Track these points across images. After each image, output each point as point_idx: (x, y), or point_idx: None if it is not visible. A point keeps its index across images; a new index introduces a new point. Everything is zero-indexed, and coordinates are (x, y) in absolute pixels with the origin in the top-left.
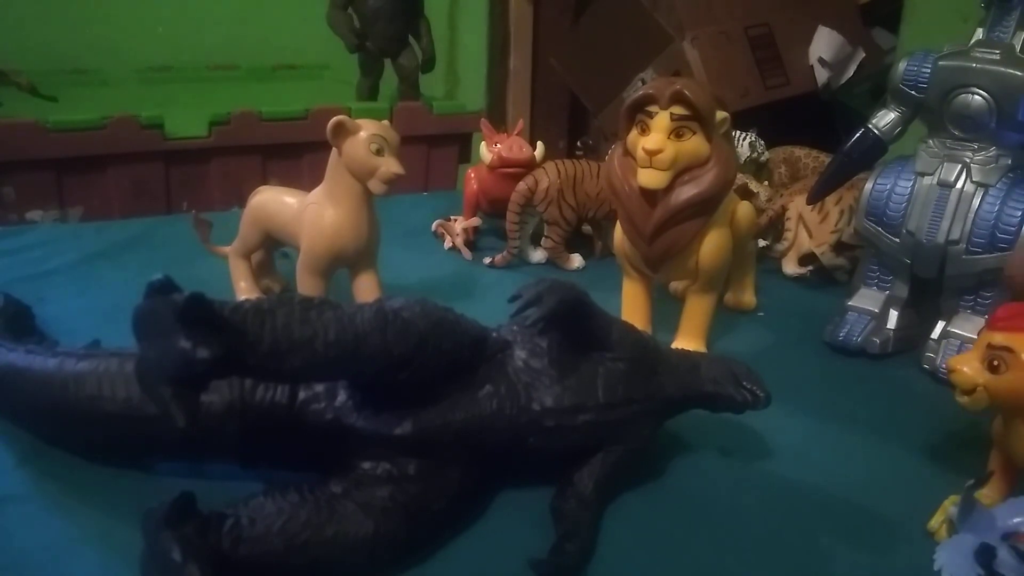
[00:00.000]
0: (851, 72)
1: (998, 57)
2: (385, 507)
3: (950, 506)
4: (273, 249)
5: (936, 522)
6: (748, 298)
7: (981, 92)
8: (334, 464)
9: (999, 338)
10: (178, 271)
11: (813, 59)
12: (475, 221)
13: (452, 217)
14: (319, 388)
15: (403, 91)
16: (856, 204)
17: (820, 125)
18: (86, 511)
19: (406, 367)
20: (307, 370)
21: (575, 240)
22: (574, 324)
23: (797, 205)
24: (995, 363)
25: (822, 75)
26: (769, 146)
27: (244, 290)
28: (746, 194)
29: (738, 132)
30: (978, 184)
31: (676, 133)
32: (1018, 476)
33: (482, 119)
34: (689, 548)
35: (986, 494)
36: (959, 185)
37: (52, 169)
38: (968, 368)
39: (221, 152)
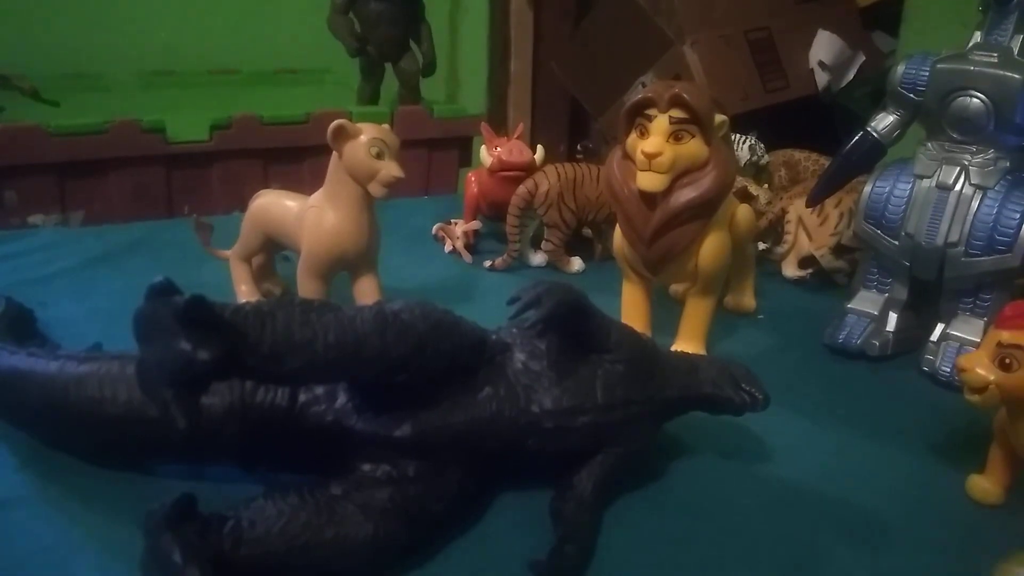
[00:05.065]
0: (851, 75)
1: (996, 60)
2: (385, 509)
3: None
4: (274, 252)
5: None
6: (748, 301)
7: (979, 95)
8: (334, 466)
9: (1008, 336)
10: (179, 275)
11: (813, 63)
12: (475, 224)
13: (452, 220)
14: (319, 390)
15: (404, 95)
16: (855, 207)
17: (820, 128)
18: (87, 513)
19: (405, 369)
20: (307, 372)
21: (575, 243)
22: (573, 326)
23: (797, 208)
24: (1007, 361)
25: (822, 78)
26: (769, 149)
27: (245, 293)
28: (746, 197)
29: (738, 135)
30: (977, 187)
31: (675, 136)
32: (1020, 469)
33: (482, 123)
34: (688, 550)
35: (987, 488)
36: (958, 188)
37: (54, 173)
38: (979, 367)
39: (222, 156)
